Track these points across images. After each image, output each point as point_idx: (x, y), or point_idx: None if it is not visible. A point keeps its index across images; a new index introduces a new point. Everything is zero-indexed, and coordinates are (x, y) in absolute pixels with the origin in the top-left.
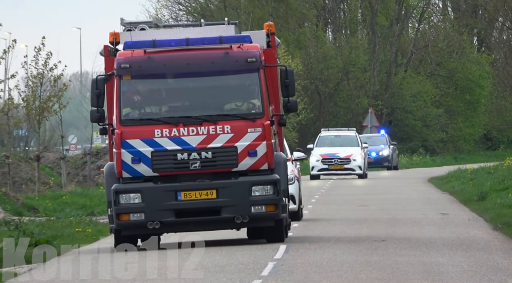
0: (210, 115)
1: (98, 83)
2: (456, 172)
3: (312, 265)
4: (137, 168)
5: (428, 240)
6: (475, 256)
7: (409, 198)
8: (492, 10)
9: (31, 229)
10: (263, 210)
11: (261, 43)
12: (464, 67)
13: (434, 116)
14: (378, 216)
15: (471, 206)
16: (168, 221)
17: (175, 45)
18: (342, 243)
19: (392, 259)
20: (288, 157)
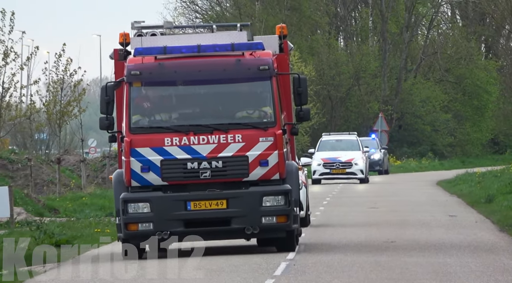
0: (221, 124)
1: (107, 90)
2: (464, 175)
3: (323, 265)
4: (146, 177)
5: (436, 241)
6: (482, 257)
7: (418, 200)
8: (499, 18)
9: (52, 229)
10: (274, 221)
11: (273, 48)
12: (472, 73)
13: (442, 121)
14: (388, 218)
15: (478, 209)
16: (177, 231)
17: (186, 51)
18: (352, 244)
19: (401, 260)
20: (299, 166)
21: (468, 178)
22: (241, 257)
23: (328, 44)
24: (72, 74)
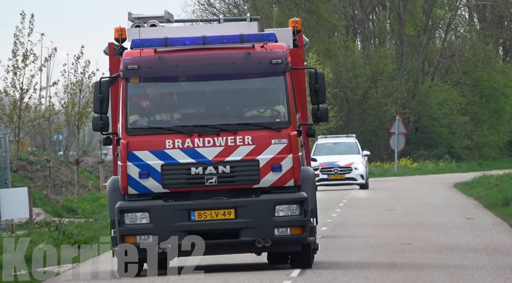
0: (228, 124)
1: (101, 86)
2: (481, 178)
3: (340, 267)
4: (145, 184)
5: (453, 243)
6: (499, 259)
7: (435, 202)
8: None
9: (71, 230)
10: (288, 233)
11: (286, 42)
12: (489, 76)
13: (459, 124)
14: (404, 220)
15: (495, 211)
16: (180, 245)
17: (190, 43)
18: (369, 246)
19: (417, 262)
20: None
21: (485, 180)
22: (256, 257)
23: (345, 46)
24: (90, 76)
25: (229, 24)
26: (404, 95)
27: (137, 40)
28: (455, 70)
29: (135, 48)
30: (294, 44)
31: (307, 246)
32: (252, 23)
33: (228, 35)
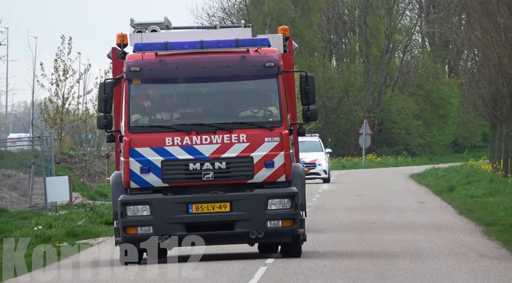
0: (224, 123)
1: (106, 87)
2: (431, 170)
3: (318, 241)
4: (146, 178)
5: (408, 222)
6: (445, 235)
7: (394, 190)
8: (459, 45)
9: (102, 210)
10: (280, 225)
11: (278, 47)
12: (437, 89)
13: (414, 126)
14: (370, 204)
15: (442, 196)
16: (178, 235)
17: (189, 47)
18: (342, 225)
19: (381, 237)
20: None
21: (434, 172)
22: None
23: (323, 64)
24: None
25: (225, 30)
26: (370, 103)
27: (139, 44)
28: (411, 84)
29: (137, 52)
30: (284, 49)
31: (297, 237)
32: (246, 29)
33: (224, 40)
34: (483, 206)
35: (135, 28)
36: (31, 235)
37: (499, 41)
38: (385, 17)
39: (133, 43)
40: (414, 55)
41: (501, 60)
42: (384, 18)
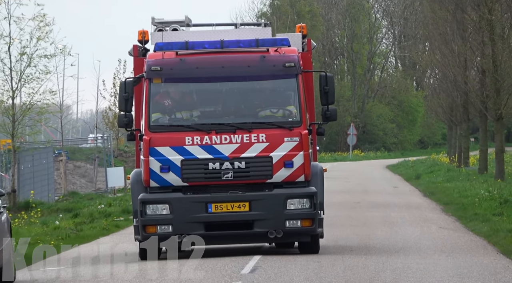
0: (244, 123)
1: (126, 86)
2: (403, 162)
3: None
4: (166, 177)
5: (385, 202)
6: (413, 212)
7: (374, 177)
8: (424, 66)
9: None
10: (299, 225)
11: (296, 46)
12: (407, 99)
13: (390, 128)
14: (355, 188)
15: (411, 182)
16: (197, 234)
17: (209, 47)
18: (333, 204)
19: (364, 214)
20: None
21: (405, 164)
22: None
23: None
24: None
25: (245, 29)
26: (356, 110)
27: (160, 44)
28: (387, 95)
29: (158, 51)
30: (303, 48)
31: (315, 237)
32: (267, 28)
33: (244, 40)
34: (442, 189)
35: (156, 26)
36: (95, 212)
37: (454, 63)
38: (367, 44)
39: (154, 42)
40: (389, 74)
41: (456, 78)
42: (366, 45)
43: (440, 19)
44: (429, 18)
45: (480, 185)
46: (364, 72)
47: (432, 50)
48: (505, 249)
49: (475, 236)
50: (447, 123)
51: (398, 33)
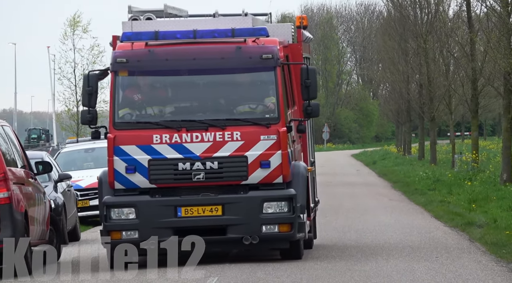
0: (217, 119)
1: (90, 80)
2: (363, 152)
3: None
4: (132, 179)
5: (350, 181)
6: (370, 189)
7: (342, 163)
8: (378, 81)
9: None
10: (276, 230)
11: (285, 37)
12: (366, 106)
13: (354, 127)
14: (327, 172)
15: (369, 167)
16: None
17: (181, 37)
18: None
19: (334, 191)
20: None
21: (365, 153)
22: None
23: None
24: None
25: (223, 18)
26: (328, 114)
27: (128, 33)
28: (351, 103)
29: (126, 41)
30: (293, 39)
31: (296, 243)
32: (247, 17)
33: (219, 29)
34: (392, 172)
35: (132, 15)
36: None
37: (399, 79)
38: (336, 65)
39: (125, 31)
40: (352, 87)
41: (401, 90)
42: (335, 66)
43: (389, 47)
44: (381, 46)
45: (419, 168)
46: (334, 85)
47: (383, 69)
48: (437, 214)
49: (415, 205)
50: (395, 123)
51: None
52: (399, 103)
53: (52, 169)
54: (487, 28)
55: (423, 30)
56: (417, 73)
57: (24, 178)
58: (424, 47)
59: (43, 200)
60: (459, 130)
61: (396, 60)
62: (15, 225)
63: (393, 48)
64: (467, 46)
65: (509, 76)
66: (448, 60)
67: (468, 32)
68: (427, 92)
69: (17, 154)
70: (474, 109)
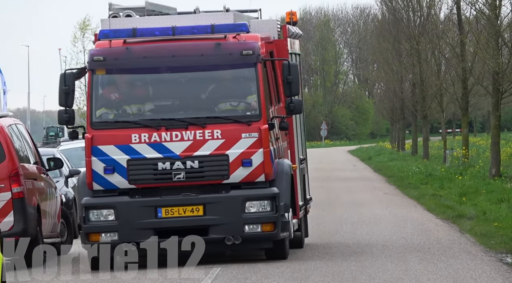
0: (197, 118)
1: (66, 79)
2: (359, 148)
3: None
4: (111, 179)
5: (347, 176)
6: (366, 183)
7: (339, 159)
8: (373, 80)
9: None
10: (259, 230)
11: (271, 32)
12: (362, 104)
13: (350, 124)
14: (325, 167)
15: (365, 162)
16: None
17: (160, 34)
18: (310, 178)
19: (331, 185)
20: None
21: (361, 149)
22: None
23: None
24: None
25: (204, 15)
26: (326, 112)
27: (105, 31)
28: (348, 101)
29: (103, 39)
30: (279, 35)
31: (279, 242)
32: (228, 13)
33: (199, 26)
34: (387, 167)
35: (113, 12)
36: None
37: (393, 79)
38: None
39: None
40: (349, 86)
41: (395, 89)
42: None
43: (383, 48)
44: (376, 47)
45: (413, 163)
46: (332, 85)
47: (378, 69)
48: (429, 207)
49: (409, 199)
50: (389, 120)
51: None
52: (393, 101)
53: (63, 165)
54: (476, 30)
55: (415, 32)
56: (410, 73)
57: (37, 174)
58: (416, 48)
59: (54, 194)
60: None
61: (390, 60)
62: (28, 218)
63: (387, 49)
64: (457, 47)
65: (497, 76)
66: (440, 60)
67: (458, 34)
68: (420, 91)
69: (29, 151)
70: (464, 107)
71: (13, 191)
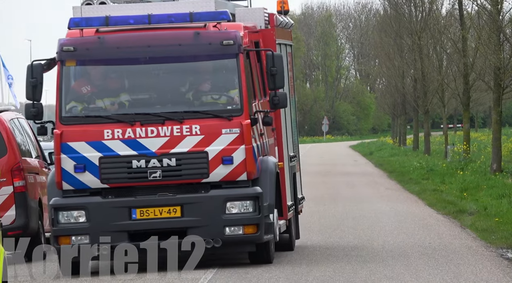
0: (174, 112)
1: (34, 71)
2: (361, 143)
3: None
4: (81, 178)
5: (348, 171)
6: (368, 178)
7: (341, 154)
8: (375, 76)
9: None
10: (241, 232)
11: (257, 21)
12: (364, 99)
13: (352, 119)
14: (327, 162)
15: (366, 157)
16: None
17: (135, 23)
18: (311, 173)
19: (333, 180)
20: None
21: (363, 144)
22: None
23: (302, 86)
24: None
25: (183, 2)
26: (328, 107)
27: (75, 19)
28: (349, 96)
29: (74, 28)
30: (266, 24)
31: (263, 245)
32: (209, 1)
33: (176, 14)
34: (388, 162)
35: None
36: None
37: (395, 74)
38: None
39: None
40: (350, 81)
41: (396, 84)
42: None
43: (385, 43)
44: (378, 42)
45: (414, 158)
46: (333, 80)
47: (380, 64)
48: (430, 202)
49: (410, 194)
50: (391, 116)
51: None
52: (394, 96)
53: None
54: (478, 25)
55: (417, 28)
56: (412, 68)
57: (38, 168)
58: (418, 44)
59: None
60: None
61: (392, 56)
62: (30, 212)
63: (389, 44)
64: (459, 42)
65: (498, 71)
66: (441, 56)
67: (460, 29)
68: (421, 86)
69: (31, 145)
70: (465, 102)
71: (14, 185)
